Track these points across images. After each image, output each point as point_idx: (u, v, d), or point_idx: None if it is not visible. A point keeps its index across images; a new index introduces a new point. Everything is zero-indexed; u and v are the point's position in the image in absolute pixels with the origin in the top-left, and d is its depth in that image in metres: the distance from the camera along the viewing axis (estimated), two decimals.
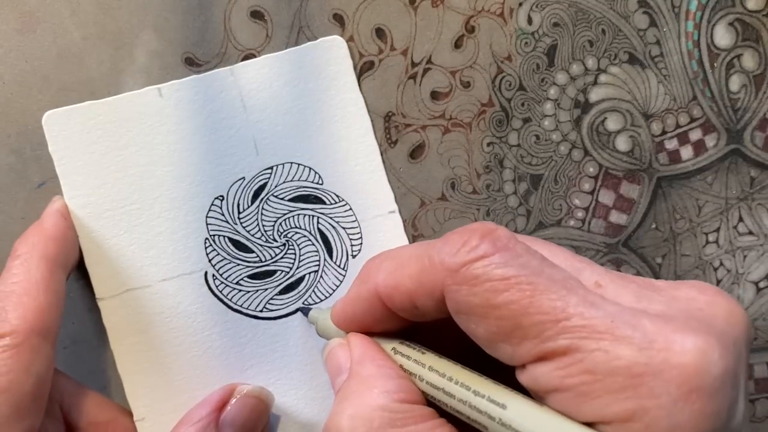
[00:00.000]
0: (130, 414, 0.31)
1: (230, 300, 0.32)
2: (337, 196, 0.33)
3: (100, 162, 0.32)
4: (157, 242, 0.32)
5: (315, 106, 0.33)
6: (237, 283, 0.32)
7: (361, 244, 0.33)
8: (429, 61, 0.34)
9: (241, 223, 0.32)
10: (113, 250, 0.32)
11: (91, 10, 0.32)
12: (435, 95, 0.34)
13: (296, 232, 0.33)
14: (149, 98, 0.32)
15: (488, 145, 0.34)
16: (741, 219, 0.36)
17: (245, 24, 0.33)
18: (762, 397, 0.36)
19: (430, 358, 0.26)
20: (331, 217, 0.33)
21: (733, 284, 0.36)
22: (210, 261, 0.32)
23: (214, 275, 0.32)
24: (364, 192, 0.33)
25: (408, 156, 0.34)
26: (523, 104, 0.34)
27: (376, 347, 0.27)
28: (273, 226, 0.33)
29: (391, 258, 0.26)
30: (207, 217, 0.32)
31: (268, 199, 0.33)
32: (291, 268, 0.33)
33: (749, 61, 0.35)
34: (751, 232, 0.36)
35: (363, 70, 0.34)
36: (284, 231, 0.33)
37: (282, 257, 0.33)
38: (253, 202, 0.33)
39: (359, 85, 0.33)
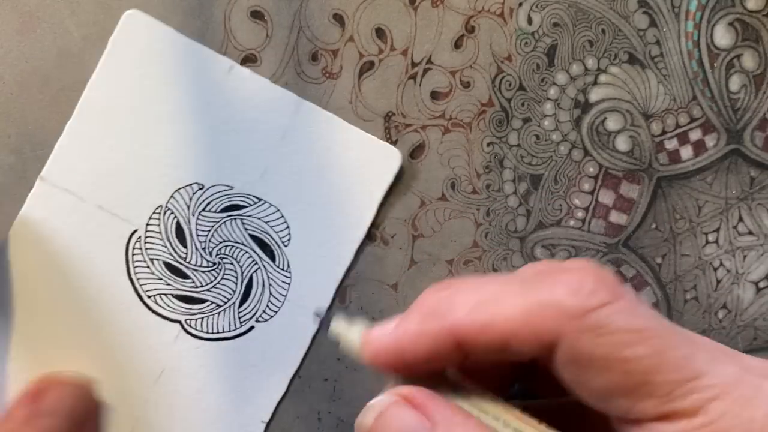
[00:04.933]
0: None
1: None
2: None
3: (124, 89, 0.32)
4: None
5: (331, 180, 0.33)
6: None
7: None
8: (429, 61, 0.34)
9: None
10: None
11: (91, 10, 0.32)
12: (435, 95, 0.34)
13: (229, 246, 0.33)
14: (215, 66, 0.32)
15: (488, 145, 0.34)
16: (741, 219, 0.36)
17: (245, 24, 0.33)
18: None
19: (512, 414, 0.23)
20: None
21: (733, 284, 0.36)
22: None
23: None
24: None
25: (408, 156, 0.34)
26: (523, 104, 0.35)
27: (463, 414, 0.23)
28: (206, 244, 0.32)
29: (471, 291, 0.23)
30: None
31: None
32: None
33: (749, 61, 0.35)
34: (751, 232, 0.36)
35: (363, 70, 0.34)
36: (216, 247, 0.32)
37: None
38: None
39: (359, 85, 0.33)
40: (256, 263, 0.32)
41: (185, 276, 0.32)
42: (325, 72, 0.33)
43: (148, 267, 0.32)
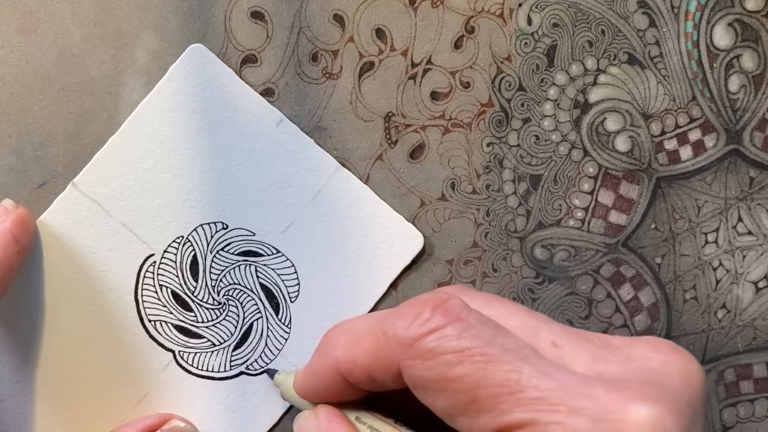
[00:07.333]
0: None
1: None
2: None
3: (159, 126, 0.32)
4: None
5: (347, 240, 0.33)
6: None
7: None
8: (429, 62, 0.34)
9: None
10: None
11: (91, 10, 0.32)
12: (435, 95, 0.34)
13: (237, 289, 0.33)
14: (266, 116, 0.32)
15: (488, 145, 0.35)
16: (740, 219, 0.36)
17: (245, 24, 0.33)
18: (762, 397, 0.36)
19: (388, 428, 0.27)
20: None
21: (732, 284, 0.36)
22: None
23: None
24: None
25: (408, 156, 0.34)
26: (522, 104, 0.35)
27: (342, 420, 0.27)
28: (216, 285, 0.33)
29: (348, 332, 0.26)
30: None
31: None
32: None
33: (748, 61, 0.36)
34: (750, 232, 0.36)
35: (363, 70, 0.34)
36: (225, 288, 0.33)
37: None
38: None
39: (359, 85, 0.34)
40: (260, 312, 0.33)
41: (189, 309, 0.32)
42: (325, 72, 0.33)
43: (156, 292, 0.32)
